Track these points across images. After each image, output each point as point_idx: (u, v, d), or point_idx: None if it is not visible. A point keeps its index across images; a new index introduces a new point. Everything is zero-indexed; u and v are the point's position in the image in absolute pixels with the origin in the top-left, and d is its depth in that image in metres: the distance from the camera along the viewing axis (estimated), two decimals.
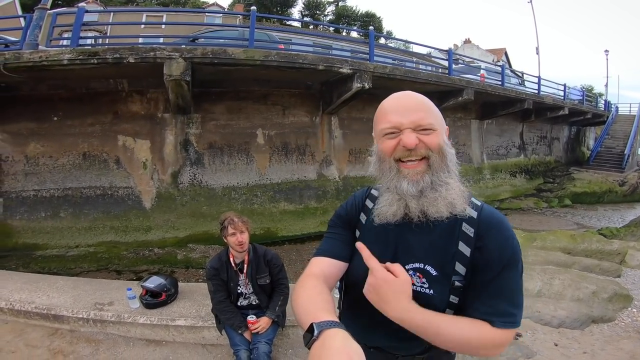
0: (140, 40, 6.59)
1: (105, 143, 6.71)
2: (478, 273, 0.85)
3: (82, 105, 6.52)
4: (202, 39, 6.67)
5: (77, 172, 6.56)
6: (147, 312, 2.83)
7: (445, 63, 9.52)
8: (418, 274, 0.89)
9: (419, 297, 0.87)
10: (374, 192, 1.04)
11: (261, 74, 6.61)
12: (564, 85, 14.49)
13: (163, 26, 14.43)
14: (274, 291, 2.52)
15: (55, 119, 6.44)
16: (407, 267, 0.88)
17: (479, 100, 10.45)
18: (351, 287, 1.01)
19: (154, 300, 2.90)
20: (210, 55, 5.34)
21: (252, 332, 2.33)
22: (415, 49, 15.27)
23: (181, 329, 2.75)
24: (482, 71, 11.64)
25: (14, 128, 6.27)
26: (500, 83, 10.97)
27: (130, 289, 2.93)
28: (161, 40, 6.66)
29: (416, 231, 0.89)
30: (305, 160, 8.27)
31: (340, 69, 6.50)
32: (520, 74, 14.81)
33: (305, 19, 31.25)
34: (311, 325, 0.67)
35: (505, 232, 0.87)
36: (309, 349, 0.63)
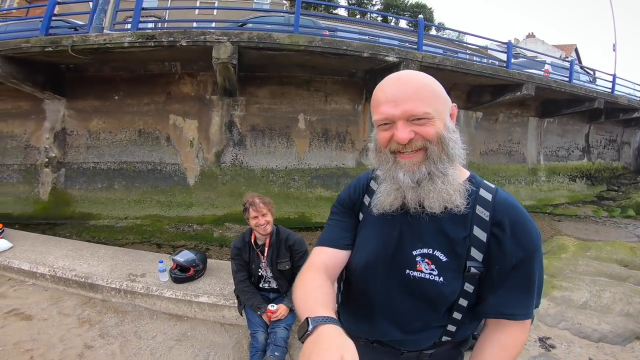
0: (195, 24, 6.83)
1: (159, 121, 7.15)
2: (494, 264, 0.81)
3: (140, 85, 6.98)
4: (250, 24, 6.78)
5: (132, 147, 7.08)
6: (173, 287, 2.94)
7: (503, 57, 8.77)
8: (426, 260, 0.84)
9: (428, 286, 0.83)
10: (378, 172, 0.98)
11: (305, 60, 6.59)
12: None
13: (215, 12, 14.90)
14: (294, 277, 2.49)
15: (117, 97, 6.97)
16: (414, 252, 0.84)
17: (540, 97, 9.57)
18: (350, 274, 0.98)
19: (182, 274, 3.00)
20: (256, 40, 5.42)
21: (272, 320, 2.32)
22: (470, 41, 14.01)
23: (203, 306, 2.83)
24: (546, 66, 10.57)
25: (80, 105, 6.90)
26: (567, 80, 9.93)
27: (162, 262, 3.06)
28: (213, 25, 6.84)
29: (424, 216, 0.84)
30: (345, 147, 8.20)
31: (386, 57, 6.26)
32: (591, 71, 13.27)
33: (352, 8, 30.69)
34: (306, 319, 0.68)
35: (523, 219, 0.81)
36: (303, 343, 0.64)
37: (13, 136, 6.85)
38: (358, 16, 27.52)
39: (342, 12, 31.41)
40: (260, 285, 2.51)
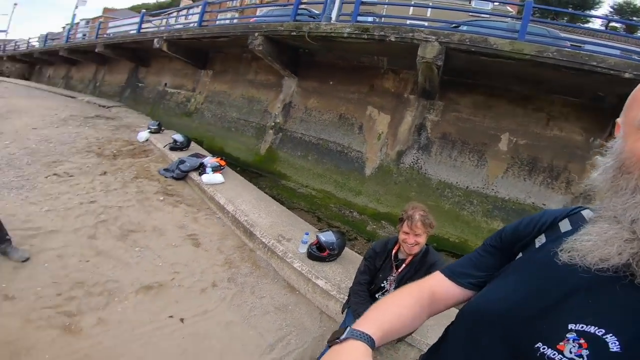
0: (408, 22, 6.82)
1: (357, 110, 7.74)
2: None
3: (351, 75, 7.71)
4: (465, 27, 6.09)
5: (330, 128, 8.02)
6: (304, 260, 3.12)
7: None
8: (582, 341, 0.54)
9: None
10: (585, 212, 0.70)
11: (529, 73, 5.42)
12: None
13: (428, 12, 14.28)
14: None
15: (331, 82, 8.00)
16: (570, 325, 0.56)
17: None
18: (456, 319, 0.77)
19: (317, 252, 3.13)
20: (468, 42, 4.86)
21: None
22: None
23: (316, 288, 2.91)
24: None
25: (305, 85, 8.34)
26: None
27: (308, 234, 3.27)
28: (425, 24, 6.61)
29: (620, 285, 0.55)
30: (554, 186, 6.41)
31: None
32: None
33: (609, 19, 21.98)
34: (346, 327, 0.66)
35: None
36: (329, 347, 0.64)
37: (259, 101, 9.11)
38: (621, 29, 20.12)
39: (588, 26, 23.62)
40: (377, 296, 2.35)
